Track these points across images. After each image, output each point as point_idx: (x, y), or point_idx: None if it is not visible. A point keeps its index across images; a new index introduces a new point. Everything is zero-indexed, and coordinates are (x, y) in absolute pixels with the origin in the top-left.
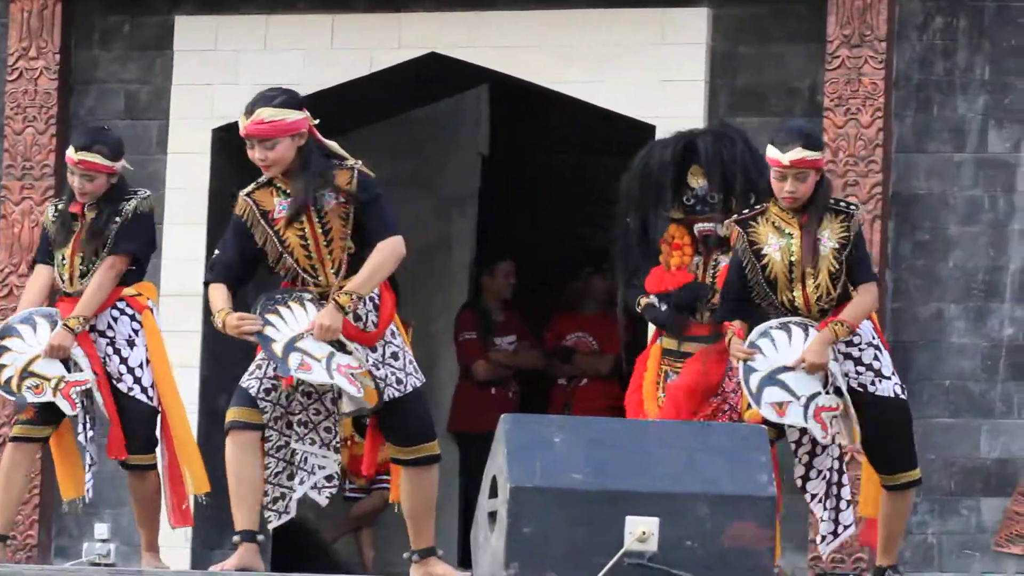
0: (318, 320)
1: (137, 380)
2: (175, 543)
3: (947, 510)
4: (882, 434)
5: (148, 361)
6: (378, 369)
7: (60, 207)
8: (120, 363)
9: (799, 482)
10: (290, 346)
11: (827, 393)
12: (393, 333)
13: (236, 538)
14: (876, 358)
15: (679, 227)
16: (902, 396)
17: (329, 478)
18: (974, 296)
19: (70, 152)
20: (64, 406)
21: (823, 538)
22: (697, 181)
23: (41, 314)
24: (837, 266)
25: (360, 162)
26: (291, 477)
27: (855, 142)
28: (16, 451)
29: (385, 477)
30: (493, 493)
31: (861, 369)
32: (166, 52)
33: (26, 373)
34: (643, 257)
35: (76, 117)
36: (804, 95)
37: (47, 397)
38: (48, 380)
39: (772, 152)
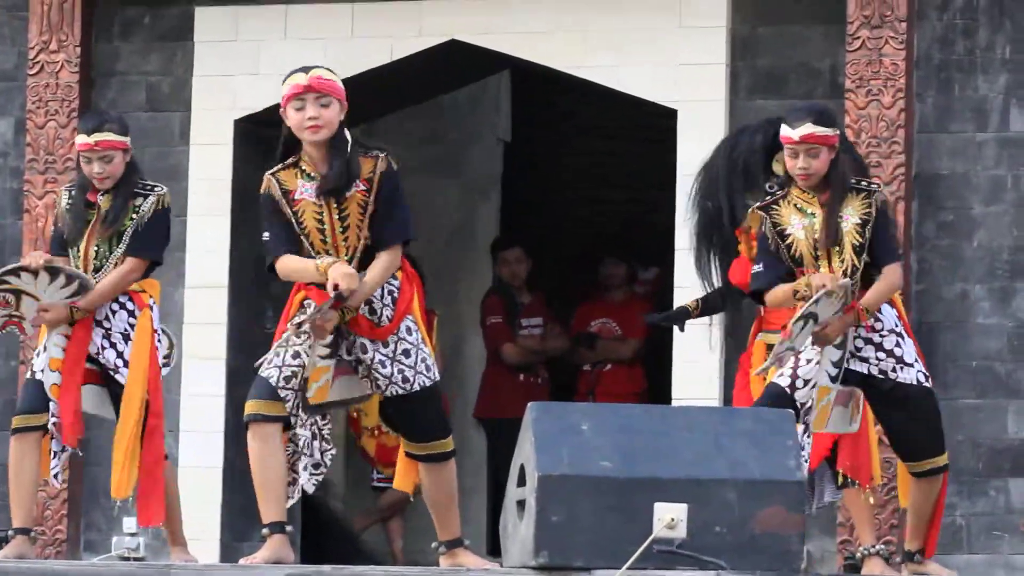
0: (338, 271)
1: None
2: (204, 536)
3: (975, 491)
4: (905, 421)
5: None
6: (384, 367)
7: (74, 194)
8: (116, 356)
9: None
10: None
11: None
12: (409, 330)
13: (265, 531)
14: (898, 345)
15: (755, 214)
16: (926, 384)
17: (316, 465)
18: (999, 276)
19: (82, 139)
20: None
21: None
22: (782, 168)
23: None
24: (860, 240)
25: (387, 151)
26: (298, 461)
27: (877, 123)
28: (19, 443)
29: None
30: (521, 481)
31: (882, 355)
32: (186, 43)
33: (14, 292)
34: (721, 243)
35: (98, 110)
36: (825, 77)
37: None
38: (12, 309)
39: (784, 130)
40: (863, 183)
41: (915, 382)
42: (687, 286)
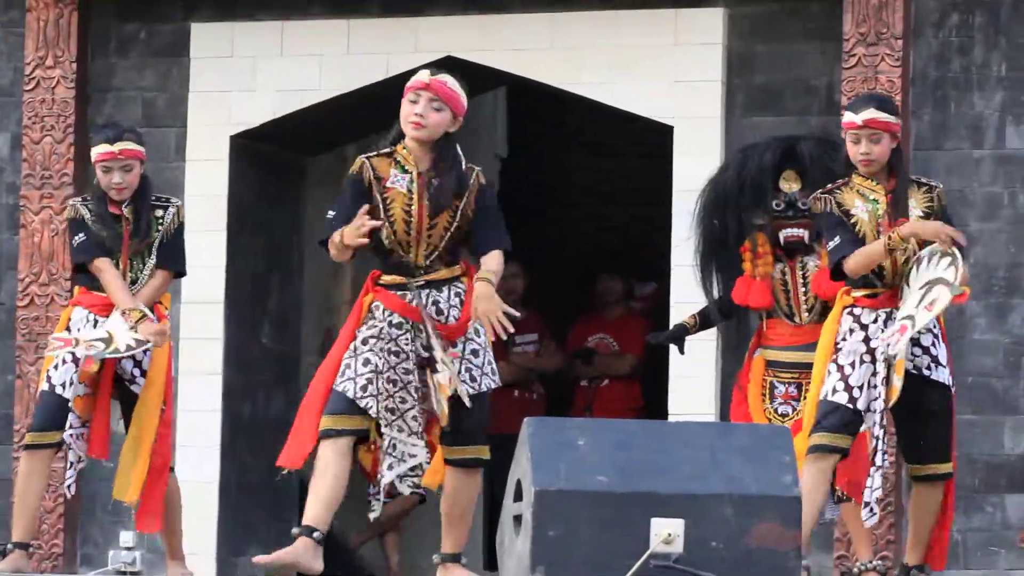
0: (480, 298)
1: None
2: (200, 551)
3: (971, 507)
4: (922, 420)
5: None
6: (454, 364)
7: (92, 208)
8: (134, 366)
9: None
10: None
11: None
12: (477, 331)
13: (295, 530)
14: (934, 344)
15: (761, 233)
16: (952, 388)
17: (414, 469)
18: (995, 292)
19: (103, 148)
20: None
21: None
22: (790, 186)
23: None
24: None
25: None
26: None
27: None
28: (31, 459)
29: None
30: (518, 496)
31: (918, 352)
32: (182, 59)
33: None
34: (726, 261)
35: (94, 125)
36: (821, 94)
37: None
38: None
39: (847, 116)
40: (923, 179)
41: (946, 382)
42: (685, 302)
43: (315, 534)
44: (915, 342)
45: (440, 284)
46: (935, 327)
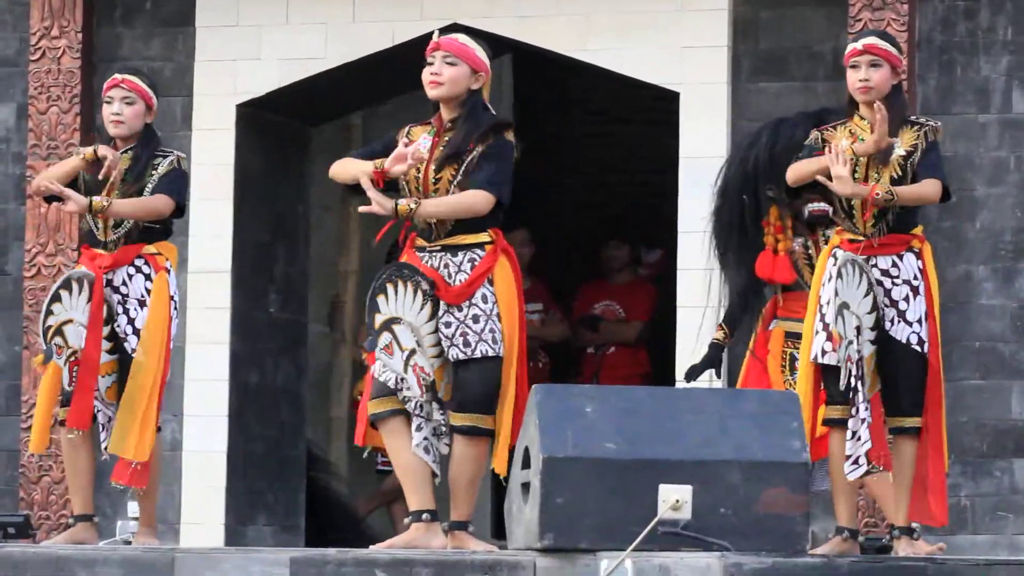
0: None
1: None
2: (208, 520)
3: (979, 472)
4: (887, 372)
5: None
6: (448, 327)
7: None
8: (127, 323)
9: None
10: (385, 325)
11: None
12: (485, 298)
13: (407, 520)
14: (907, 299)
15: (775, 207)
16: (915, 347)
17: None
18: (1002, 257)
19: (110, 80)
20: (64, 378)
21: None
22: None
23: (77, 276)
24: (900, 172)
25: (511, 124)
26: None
27: None
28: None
29: None
30: (526, 464)
31: (887, 303)
32: (188, 28)
33: (56, 331)
34: (748, 237)
35: (100, 95)
36: (827, 59)
37: (59, 362)
38: (67, 348)
39: (849, 46)
40: (921, 118)
41: (904, 341)
42: (691, 268)
43: (423, 516)
44: (886, 292)
45: (456, 249)
46: (916, 279)
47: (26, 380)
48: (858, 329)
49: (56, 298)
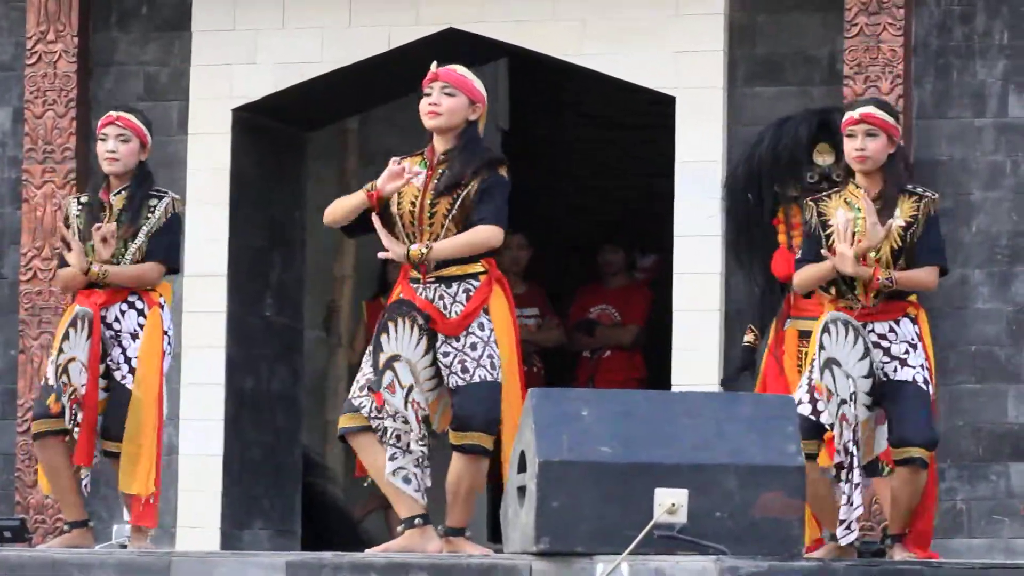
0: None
1: (132, 370)
2: (204, 524)
3: (975, 476)
4: (895, 408)
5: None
6: (447, 357)
7: (84, 200)
8: (120, 353)
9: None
10: (387, 363)
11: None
12: (482, 326)
13: (400, 528)
14: (907, 352)
15: (795, 205)
16: (920, 384)
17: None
18: (998, 261)
19: (105, 117)
20: (65, 415)
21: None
22: (824, 159)
23: (81, 315)
24: (900, 243)
25: (505, 161)
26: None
27: None
28: (43, 448)
29: None
30: (522, 468)
31: (887, 359)
32: (184, 33)
33: (62, 370)
34: (761, 235)
35: (96, 100)
36: (823, 64)
37: (64, 401)
38: (70, 386)
39: (846, 115)
40: (918, 188)
41: (910, 380)
42: (687, 272)
43: (416, 521)
44: (885, 351)
45: (451, 280)
46: (914, 339)
47: (22, 383)
48: (853, 395)
49: (66, 336)
